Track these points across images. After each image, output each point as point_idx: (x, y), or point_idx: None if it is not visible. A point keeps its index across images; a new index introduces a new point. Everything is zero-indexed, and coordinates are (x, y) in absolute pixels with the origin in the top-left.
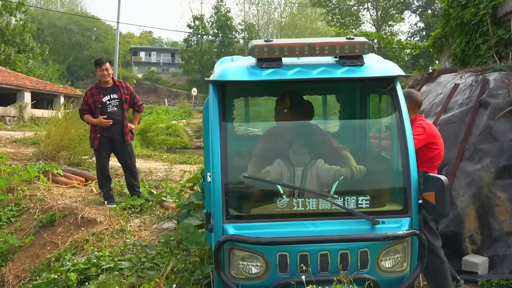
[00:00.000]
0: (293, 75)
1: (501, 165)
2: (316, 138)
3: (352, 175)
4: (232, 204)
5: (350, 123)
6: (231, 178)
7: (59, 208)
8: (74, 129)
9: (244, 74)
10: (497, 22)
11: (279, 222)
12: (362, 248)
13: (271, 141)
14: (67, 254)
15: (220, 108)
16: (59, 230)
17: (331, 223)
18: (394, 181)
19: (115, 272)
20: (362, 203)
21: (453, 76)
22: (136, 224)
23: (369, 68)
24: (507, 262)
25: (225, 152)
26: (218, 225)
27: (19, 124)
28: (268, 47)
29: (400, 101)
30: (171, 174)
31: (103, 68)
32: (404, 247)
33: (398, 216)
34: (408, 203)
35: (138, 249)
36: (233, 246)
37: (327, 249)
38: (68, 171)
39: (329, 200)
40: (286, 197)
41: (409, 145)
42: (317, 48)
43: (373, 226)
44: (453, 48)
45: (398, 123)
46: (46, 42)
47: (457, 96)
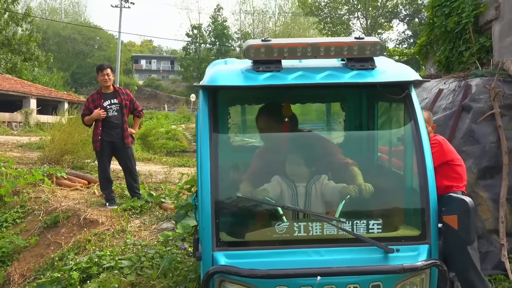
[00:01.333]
0: (295, 79)
1: (483, 166)
2: (320, 149)
3: (360, 195)
4: (224, 228)
5: (357, 134)
6: (223, 198)
7: (63, 210)
8: (77, 134)
9: (238, 79)
10: (478, 30)
11: (278, 250)
12: (374, 282)
13: (268, 155)
14: (70, 253)
15: (210, 117)
16: (62, 231)
17: (338, 251)
18: (410, 202)
19: (116, 271)
20: (374, 228)
21: (437, 82)
22: (136, 225)
23: (382, 72)
24: (489, 258)
25: (215, 167)
26: (207, 253)
27: (25, 129)
28: (265, 47)
29: (416, 109)
30: (170, 177)
31: (104, 73)
32: (422, 279)
33: (415, 243)
34: (426, 227)
35: (138, 249)
36: (224, 278)
37: (334, 283)
38: (72, 174)
39: (335, 225)
40: (286, 220)
41: (427, 160)
42: (322, 48)
43: (386, 255)
44: (437, 55)
45: (414, 134)
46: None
47: (441, 101)
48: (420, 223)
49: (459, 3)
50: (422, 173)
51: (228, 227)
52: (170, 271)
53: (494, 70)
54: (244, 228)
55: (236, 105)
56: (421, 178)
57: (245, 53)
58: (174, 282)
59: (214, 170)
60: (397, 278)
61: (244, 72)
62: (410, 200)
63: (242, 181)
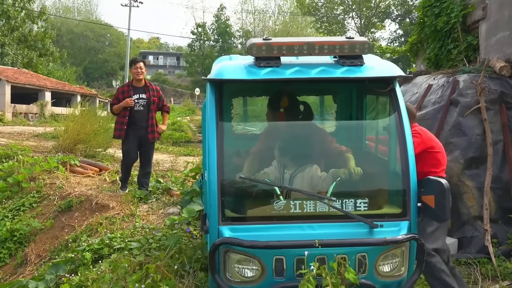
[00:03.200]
0: (292, 74)
1: (469, 157)
2: (315, 139)
3: (350, 177)
4: (228, 205)
5: (348, 124)
6: (228, 179)
7: (76, 195)
8: (90, 125)
9: (242, 73)
10: (466, 29)
11: (276, 225)
12: (361, 253)
13: (268, 142)
14: (83, 236)
15: (217, 107)
16: (76, 215)
17: (329, 226)
18: (393, 184)
19: (125, 252)
20: (360, 206)
21: (427, 78)
22: (144, 210)
23: (369, 68)
24: (474, 243)
25: (221, 152)
26: (213, 227)
27: (40, 120)
28: (266, 45)
29: (399, 102)
30: (176, 165)
31: (137, 66)
32: (403, 251)
33: (396, 220)
34: (407, 206)
35: (146, 232)
36: (229, 248)
37: (324, 253)
38: (84, 162)
39: (326, 203)
40: (283, 199)
41: (408, 147)
42: (316, 47)
43: (371, 230)
44: (427, 53)
45: (397, 124)
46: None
47: (430, 96)
48: (402, 202)
49: (448, 4)
50: (404, 158)
51: (232, 204)
52: (176, 252)
53: (480, 67)
54: (246, 205)
55: (239, 97)
56: (403, 163)
57: (248, 50)
58: (180, 262)
59: (220, 154)
60: (380, 250)
61: (247, 67)
62: (393, 182)
63: (244, 164)
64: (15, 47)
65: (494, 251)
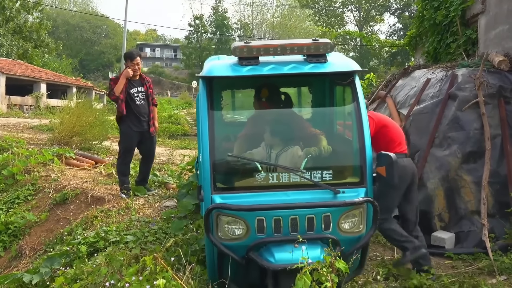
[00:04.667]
0: (268, 70)
1: (467, 151)
2: (295, 123)
3: (320, 153)
4: (219, 178)
5: (318, 111)
6: (218, 157)
7: (71, 188)
8: (85, 117)
9: (228, 71)
10: (465, 23)
11: (257, 193)
12: (326, 213)
13: (254, 127)
14: (78, 229)
15: (208, 99)
16: (71, 208)
17: (300, 193)
18: (353, 159)
19: (121, 245)
20: (326, 176)
21: (425, 72)
22: (140, 203)
23: (332, 65)
24: (471, 237)
25: (212, 135)
26: (207, 196)
27: (35, 112)
28: (247, 48)
29: (358, 92)
30: (173, 158)
31: (134, 63)
32: (361, 212)
33: (355, 187)
34: (364, 176)
35: (142, 225)
36: (220, 212)
37: (296, 214)
38: (80, 154)
39: (298, 174)
40: (263, 173)
41: (365, 129)
42: (288, 48)
43: (335, 195)
44: (426, 46)
45: (356, 111)
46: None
47: (429, 89)
48: (360, 173)
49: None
50: (361, 138)
51: (222, 177)
52: (172, 245)
53: (479, 61)
54: (233, 178)
55: (227, 90)
56: (361, 141)
57: (232, 52)
58: (177, 255)
59: (212, 137)
60: (342, 211)
61: (232, 66)
62: (353, 157)
63: (231, 145)
64: (10, 38)
65: (491, 246)
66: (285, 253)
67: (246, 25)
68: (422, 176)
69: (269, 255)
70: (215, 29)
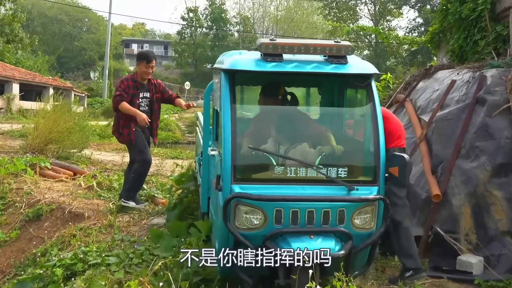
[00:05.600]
0: (292, 68)
1: (498, 163)
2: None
3: (334, 152)
4: (239, 169)
5: (331, 111)
6: (239, 149)
7: (46, 202)
8: (63, 122)
9: (252, 65)
10: (495, 17)
11: (276, 185)
12: (340, 208)
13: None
14: (53, 249)
15: (230, 92)
16: (45, 225)
17: (317, 188)
18: (368, 158)
19: (102, 268)
20: (341, 173)
21: (450, 72)
22: (125, 220)
23: (352, 66)
24: (502, 262)
25: (234, 128)
26: (226, 185)
27: (6, 116)
28: (272, 45)
29: (374, 94)
30: (162, 169)
31: (149, 66)
32: (373, 209)
33: (369, 185)
34: (377, 175)
35: (126, 245)
36: (239, 202)
37: (313, 207)
38: (56, 164)
39: (315, 169)
40: (281, 166)
41: (380, 130)
42: (311, 48)
43: (349, 191)
44: (450, 44)
45: (372, 112)
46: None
47: (454, 93)
48: (373, 172)
49: None
50: (376, 139)
51: (242, 168)
52: (161, 268)
53: (511, 61)
54: (253, 169)
55: (248, 85)
56: (376, 143)
57: (258, 48)
58: (166, 280)
59: (234, 130)
60: (355, 206)
61: (257, 61)
62: (368, 157)
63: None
64: None
65: None
66: (301, 243)
67: (246, 19)
68: (446, 191)
69: (286, 244)
70: (211, 24)
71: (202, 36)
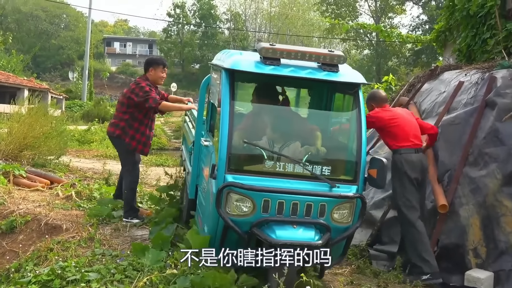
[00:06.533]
0: (288, 72)
1: (509, 171)
2: (297, 121)
3: (319, 152)
4: (233, 160)
5: (322, 113)
6: (234, 142)
7: (21, 214)
8: (39, 126)
9: (253, 67)
10: (506, 14)
11: (265, 178)
12: (322, 202)
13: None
14: (28, 264)
15: (230, 90)
16: (20, 238)
17: (302, 183)
18: (350, 159)
19: (82, 284)
20: (325, 171)
21: (457, 73)
22: (106, 232)
23: (342, 75)
24: None
25: (231, 123)
26: (221, 174)
27: None
28: (272, 49)
29: (360, 102)
30: (146, 178)
31: (164, 70)
32: (351, 205)
33: (349, 184)
34: (357, 175)
35: (108, 259)
36: (231, 190)
37: (297, 200)
38: (32, 172)
39: (302, 166)
40: (272, 161)
41: (363, 135)
42: (306, 55)
43: (331, 188)
44: (457, 43)
45: (357, 118)
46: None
47: (461, 95)
48: (354, 172)
49: None
50: (359, 142)
51: (236, 160)
52: (146, 285)
53: None
54: (245, 162)
55: (246, 84)
56: (358, 146)
57: (259, 51)
58: None
59: (231, 124)
60: (335, 202)
61: (256, 63)
62: (350, 158)
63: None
64: None
65: None
66: (285, 231)
67: (237, 15)
68: (453, 201)
69: (271, 231)
70: (200, 20)
71: (190, 34)
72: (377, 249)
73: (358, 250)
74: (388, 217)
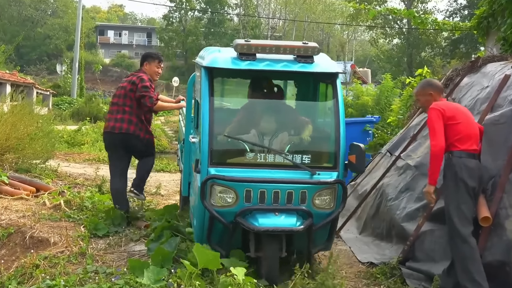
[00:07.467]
0: (264, 66)
1: None
2: (286, 112)
3: (301, 141)
4: (215, 154)
5: (300, 104)
6: (215, 137)
7: (3, 225)
8: (24, 126)
9: (229, 63)
10: None
11: (247, 169)
12: (302, 189)
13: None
14: (11, 282)
15: (209, 87)
16: (1, 253)
17: (283, 172)
18: (330, 147)
19: None
20: (305, 160)
21: (502, 65)
22: (99, 246)
23: (317, 65)
24: None
25: (212, 118)
26: (204, 168)
27: None
28: (247, 45)
29: (338, 91)
30: (145, 185)
31: (160, 65)
32: (332, 191)
33: (329, 170)
34: (337, 162)
35: (101, 278)
36: (214, 182)
37: (279, 188)
38: (15, 178)
39: (282, 156)
40: (252, 153)
41: (341, 122)
42: (281, 49)
43: (311, 175)
44: (502, 31)
45: (335, 106)
46: None
47: (507, 91)
48: (334, 159)
49: None
50: (337, 129)
51: (218, 153)
52: None
53: None
54: (227, 155)
55: (224, 79)
56: (337, 132)
57: (234, 48)
58: None
59: (211, 119)
60: (316, 189)
61: (233, 59)
62: (329, 146)
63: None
64: None
65: None
66: (267, 219)
67: (248, 0)
68: (497, 212)
69: (254, 220)
70: (205, 6)
71: (194, 21)
72: (411, 267)
73: (388, 269)
74: (423, 230)
